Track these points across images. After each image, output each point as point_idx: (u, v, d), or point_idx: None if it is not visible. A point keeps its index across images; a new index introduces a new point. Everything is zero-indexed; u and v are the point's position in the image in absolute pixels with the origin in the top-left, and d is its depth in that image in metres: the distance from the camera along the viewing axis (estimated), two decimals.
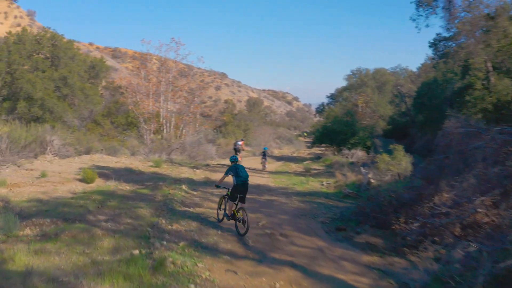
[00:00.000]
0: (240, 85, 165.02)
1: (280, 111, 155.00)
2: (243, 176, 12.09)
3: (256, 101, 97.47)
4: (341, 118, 36.79)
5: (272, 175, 25.56)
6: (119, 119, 38.78)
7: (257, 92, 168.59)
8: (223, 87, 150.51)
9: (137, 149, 30.37)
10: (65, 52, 39.90)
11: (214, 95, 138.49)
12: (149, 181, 19.49)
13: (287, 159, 37.59)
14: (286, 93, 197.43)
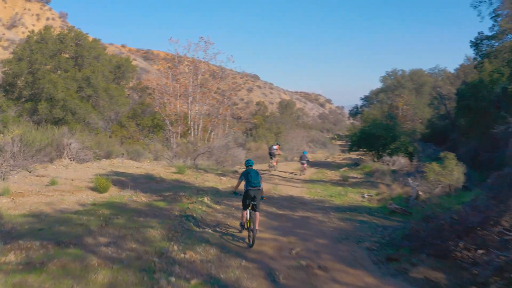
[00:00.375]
0: (272, 87, 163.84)
1: (313, 113, 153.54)
2: (253, 182, 11.29)
3: (288, 103, 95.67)
4: (380, 121, 34.29)
5: (307, 184, 23.25)
6: (144, 121, 36.97)
7: (290, 94, 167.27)
8: (255, 89, 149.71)
9: (160, 154, 28.39)
10: (89, 51, 38.35)
11: (246, 97, 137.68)
12: (169, 191, 17.45)
13: (321, 165, 35.23)
14: (318, 95, 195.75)
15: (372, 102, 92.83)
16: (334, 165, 35.84)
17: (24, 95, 36.94)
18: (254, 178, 11.35)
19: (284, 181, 23.81)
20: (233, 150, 30.61)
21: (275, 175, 26.50)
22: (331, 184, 22.94)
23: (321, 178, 26.01)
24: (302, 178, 26.15)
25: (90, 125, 35.99)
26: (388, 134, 30.30)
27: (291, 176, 26.60)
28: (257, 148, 37.02)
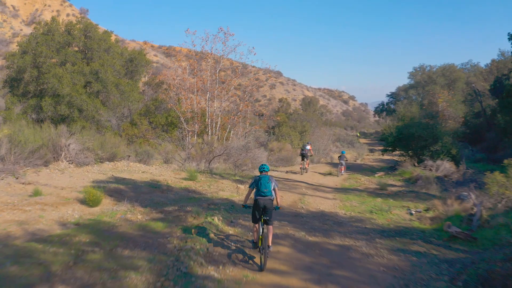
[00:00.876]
0: (295, 84, 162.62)
1: (336, 110, 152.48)
2: (262, 190, 9.72)
3: (311, 99, 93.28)
4: (419, 119, 30.83)
5: (339, 194, 19.87)
6: (158, 119, 33.92)
7: (313, 90, 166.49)
8: (278, 86, 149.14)
9: (171, 155, 25.26)
10: (99, 44, 35.39)
11: (269, 94, 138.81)
12: (174, 204, 14.41)
13: (352, 168, 32.11)
14: (342, 91, 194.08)
15: (399, 99, 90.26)
16: (365, 168, 32.71)
17: (30, 90, 34.26)
18: (264, 185, 9.73)
19: (312, 189, 20.56)
20: (254, 151, 27.37)
21: (302, 181, 23.29)
22: (367, 194, 19.55)
23: (355, 186, 22.75)
24: (334, 184, 22.82)
25: (100, 123, 33.17)
26: (428, 135, 26.78)
27: (321, 183, 23.36)
28: (280, 149, 33.72)
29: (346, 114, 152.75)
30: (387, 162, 37.45)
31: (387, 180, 23.98)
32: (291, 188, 20.30)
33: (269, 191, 9.73)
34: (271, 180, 9.94)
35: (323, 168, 30.38)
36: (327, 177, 25.69)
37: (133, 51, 39.82)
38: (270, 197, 9.73)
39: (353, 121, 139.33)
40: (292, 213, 14.78)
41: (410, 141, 27.13)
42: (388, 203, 17.30)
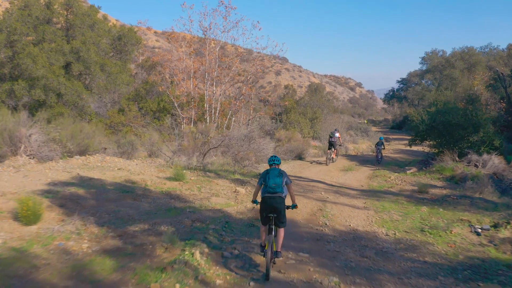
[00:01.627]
0: (301, 70, 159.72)
1: (343, 97, 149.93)
2: (270, 186, 7.92)
3: (318, 86, 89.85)
4: (454, 105, 26.27)
5: (370, 199, 15.30)
6: (148, 104, 29.58)
7: (319, 77, 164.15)
8: (284, 72, 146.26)
9: (158, 147, 20.87)
10: (82, 19, 30.97)
11: (274, 80, 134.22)
12: (144, 221, 10.26)
13: (372, 162, 27.91)
14: (349, 78, 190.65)
15: (411, 85, 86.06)
16: (389, 162, 28.33)
17: (5, 73, 29.93)
18: (272, 179, 8.02)
19: (333, 193, 16.06)
20: (258, 142, 22.86)
21: (319, 180, 18.87)
22: (406, 200, 15.01)
23: (386, 187, 18.18)
24: (360, 186, 18.44)
25: (83, 109, 28.86)
26: (468, 123, 22.22)
27: (342, 182, 19.00)
28: (288, 139, 29.20)
29: (353, 101, 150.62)
30: (411, 154, 33.16)
31: (424, 179, 19.57)
32: (306, 191, 15.93)
33: (279, 187, 8.02)
34: (282, 174, 8.19)
35: (340, 162, 25.94)
36: (348, 174, 21.31)
37: (122, 28, 35.24)
38: (280, 194, 8.03)
39: (360, 108, 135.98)
40: (313, 235, 10.45)
41: (446, 130, 22.60)
42: (438, 214, 12.89)
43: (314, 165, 24.98)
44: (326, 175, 20.37)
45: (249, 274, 7.61)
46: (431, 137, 24.69)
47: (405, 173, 21.36)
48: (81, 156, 18.62)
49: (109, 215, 10.47)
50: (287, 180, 8.24)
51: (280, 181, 8.05)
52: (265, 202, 7.99)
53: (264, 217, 8.08)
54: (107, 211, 10.74)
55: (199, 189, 14.58)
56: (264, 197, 8.07)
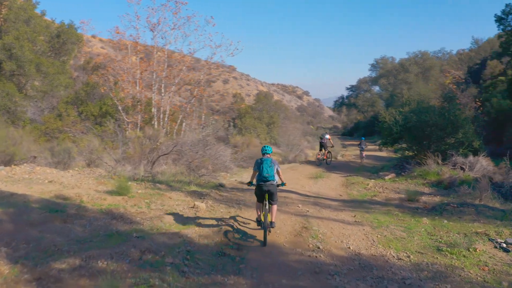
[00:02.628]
0: (249, 79, 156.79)
1: (291, 105, 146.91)
2: (264, 175, 9.67)
3: (266, 94, 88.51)
4: (429, 104, 24.15)
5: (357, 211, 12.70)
6: (89, 108, 26.39)
7: (267, 86, 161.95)
8: (231, 81, 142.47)
9: (98, 155, 17.79)
10: (17, 14, 27.63)
11: (222, 89, 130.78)
12: (75, 254, 7.55)
13: (341, 168, 25.70)
14: (296, 87, 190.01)
15: (360, 91, 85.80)
16: (359, 168, 26.17)
17: None
18: (265, 170, 9.65)
19: (312, 205, 13.39)
20: (214, 148, 20.21)
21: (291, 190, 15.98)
22: (400, 211, 12.52)
23: (369, 196, 15.64)
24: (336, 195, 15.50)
25: (15, 114, 25.46)
26: (446, 123, 20.19)
27: (316, 191, 16.41)
28: (246, 144, 26.51)
29: (301, 109, 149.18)
30: (377, 159, 31.12)
31: (407, 185, 17.25)
32: (279, 203, 13.39)
33: (271, 176, 9.69)
34: (273, 163, 9.87)
35: (304, 169, 23.63)
36: (319, 182, 18.85)
37: (62, 24, 31.89)
38: (272, 181, 9.71)
39: (308, 116, 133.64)
40: (308, 266, 7.83)
41: (422, 131, 20.44)
42: (445, 227, 10.45)
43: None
44: (296, 184, 17.79)
45: None
46: (405, 140, 22.56)
47: (383, 179, 19.04)
48: (6, 166, 15.48)
49: (29, 245, 7.57)
50: (277, 168, 9.91)
51: (272, 171, 9.66)
52: (260, 188, 9.66)
53: (259, 196, 9.81)
54: (27, 240, 7.82)
55: (148, 205, 11.71)
56: (259, 184, 9.69)
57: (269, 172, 9.59)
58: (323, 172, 22.36)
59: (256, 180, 9.87)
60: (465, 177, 16.37)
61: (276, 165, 9.89)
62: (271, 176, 9.61)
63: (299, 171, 22.77)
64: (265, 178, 9.59)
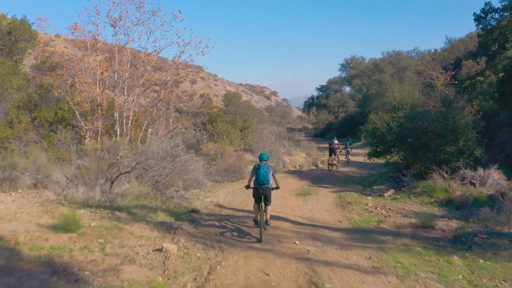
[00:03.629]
0: (216, 79, 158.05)
1: (259, 106, 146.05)
2: (260, 179, 11.11)
3: (234, 95, 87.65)
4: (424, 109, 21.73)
5: (372, 250, 9.88)
6: (43, 114, 23.43)
7: (235, 86, 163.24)
8: (199, 81, 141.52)
9: (46, 174, 14.92)
10: None
11: (189, 90, 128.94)
12: None
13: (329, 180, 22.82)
14: (264, 87, 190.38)
15: (331, 92, 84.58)
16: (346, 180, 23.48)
17: None
18: (262, 175, 11.11)
19: (311, 238, 10.82)
20: (183, 159, 17.35)
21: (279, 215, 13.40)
22: (418, 244, 9.88)
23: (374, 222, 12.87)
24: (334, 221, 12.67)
25: None
26: (446, 130, 17.90)
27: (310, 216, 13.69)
28: (220, 154, 23.59)
29: (269, 110, 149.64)
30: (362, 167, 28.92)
31: (411, 204, 14.72)
32: (268, 239, 10.75)
33: (266, 180, 11.04)
34: (269, 169, 11.25)
35: (287, 182, 20.91)
36: (309, 201, 16.11)
37: (13, 20, 28.73)
38: (268, 185, 11.09)
39: (276, 116, 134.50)
40: None
41: (419, 139, 18.05)
42: (485, 270, 7.98)
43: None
44: (285, 206, 15.00)
45: None
46: (400, 148, 20.13)
47: (383, 197, 16.54)
48: None
49: None
50: (273, 172, 11.40)
51: (268, 175, 11.09)
52: (257, 190, 11.11)
53: (256, 198, 11.17)
54: None
55: (103, 247, 8.86)
56: (256, 187, 11.15)
57: (265, 176, 11.02)
58: (310, 186, 19.86)
59: (254, 183, 11.23)
60: (478, 194, 14.03)
61: (272, 170, 11.31)
62: (266, 180, 11.01)
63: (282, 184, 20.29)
64: (261, 182, 11.01)
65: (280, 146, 35.30)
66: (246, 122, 31.67)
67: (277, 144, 34.15)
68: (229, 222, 12.51)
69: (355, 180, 22.96)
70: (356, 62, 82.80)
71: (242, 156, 25.18)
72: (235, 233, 11.35)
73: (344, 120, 73.37)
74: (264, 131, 34.94)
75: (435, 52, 72.25)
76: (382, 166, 25.89)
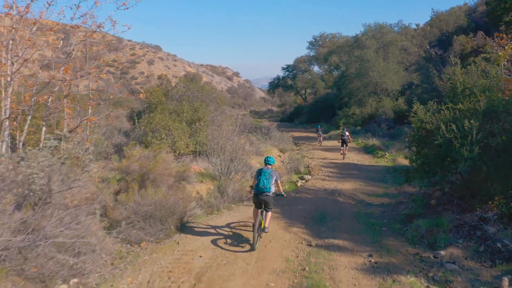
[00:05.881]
0: (176, 59, 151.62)
1: (221, 87, 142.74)
2: (260, 186, 10.62)
3: (194, 76, 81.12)
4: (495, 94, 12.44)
5: None
6: None
7: (195, 67, 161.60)
8: (157, 61, 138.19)
9: None
10: None
11: (147, 70, 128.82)
12: None
13: (337, 224, 12.73)
14: (226, 68, 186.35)
15: (298, 72, 79.87)
16: (363, 218, 13.61)
17: None
18: (262, 182, 10.59)
19: None
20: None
21: None
22: None
23: None
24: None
25: None
26: None
27: None
28: (149, 171, 13.69)
29: (231, 91, 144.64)
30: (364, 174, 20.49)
31: None
32: None
33: (267, 188, 10.51)
34: (272, 176, 10.68)
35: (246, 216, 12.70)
36: None
37: None
38: (267, 193, 10.55)
39: (239, 98, 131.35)
40: None
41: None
42: None
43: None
44: None
45: None
46: (486, 176, 10.71)
47: None
48: None
49: None
50: (276, 178, 10.86)
51: (269, 183, 10.51)
52: (257, 197, 10.66)
53: (256, 203, 10.76)
54: None
55: None
56: (255, 193, 10.70)
57: (265, 184, 10.48)
58: (310, 249, 10.44)
59: (254, 189, 10.75)
60: None
61: (275, 176, 10.80)
62: (266, 188, 10.48)
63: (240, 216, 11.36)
64: (261, 189, 10.53)
65: (246, 143, 25.68)
66: (197, 112, 21.41)
67: (242, 140, 24.58)
68: None
69: (378, 217, 13.55)
70: (324, 38, 75.05)
71: (186, 173, 15.28)
72: None
73: (315, 103, 64.40)
74: (224, 123, 24.80)
75: (417, 28, 64.01)
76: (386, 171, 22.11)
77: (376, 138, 33.89)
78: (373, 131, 37.37)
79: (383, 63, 45.42)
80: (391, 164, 24.26)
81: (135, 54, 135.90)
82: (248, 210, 13.36)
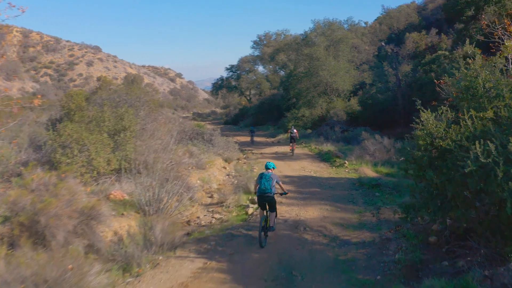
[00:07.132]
0: (116, 60, 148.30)
1: (163, 89, 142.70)
2: (262, 188, 11.44)
3: (135, 77, 79.24)
4: None
5: None
6: None
7: (136, 68, 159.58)
8: (96, 62, 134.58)
9: None
10: None
11: (86, 72, 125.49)
12: None
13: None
14: (168, 69, 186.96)
15: (242, 72, 78.91)
16: (318, 228, 11.78)
17: None
18: (263, 184, 11.38)
19: None
20: None
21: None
22: None
23: None
24: None
25: None
26: None
27: None
28: (41, 211, 10.02)
29: (174, 92, 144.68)
30: (323, 186, 17.46)
31: None
32: None
33: (268, 189, 11.29)
34: (272, 178, 11.50)
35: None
36: None
37: None
38: (269, 194, 11.31)
39: (182, 100, 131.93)
40: None
41: None
42: None
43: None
44: None
45: None
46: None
47: None
48: None
49: None
50: (277, 180, 11.66)
51: (270, 185, 11.27)
52: (259, 199, 11.51)
53: (260, 205, 11.69)
54: None
55: None
56: (258, 195, 11.48)
57: (266, 186, 11.28)
58: None
59: (257, 192, 11.56)
60: None
61: (275, 178, 11.58)
62: (268, 189, 11.23)
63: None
64: (263, 191, 11.31)
65: (185, 154, 21.80)
66: (122, 119, 17.06)
67: (180, 152, 20.68)
68: None
69: (365, 269, 9.42)
70: (269, 37, 73.42)
71: (95, 210, 10.99)
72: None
73: (261, 105, 61.82)
74: (157, 132, 20.54)
75: (367, 25, 62.17)
76: (351, 185, 19.09)
77: (330, 142, 31.17)
78: (325, 135, 35.10)
79: (333, 61, 42.86)
80: (355, 176, 20.73)
81: (73, 55, 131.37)
82: (181, 268, 9.53)
